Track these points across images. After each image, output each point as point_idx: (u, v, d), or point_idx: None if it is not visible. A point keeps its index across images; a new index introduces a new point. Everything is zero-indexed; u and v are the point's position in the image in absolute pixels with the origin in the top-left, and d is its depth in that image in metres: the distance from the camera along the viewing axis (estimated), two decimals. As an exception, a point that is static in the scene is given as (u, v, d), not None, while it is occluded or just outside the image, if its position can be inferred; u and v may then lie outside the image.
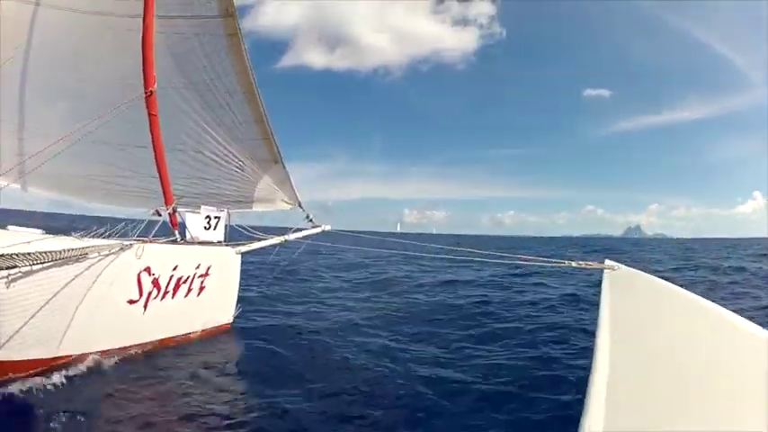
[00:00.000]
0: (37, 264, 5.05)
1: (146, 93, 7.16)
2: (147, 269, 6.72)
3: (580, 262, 5.75)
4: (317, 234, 9.85)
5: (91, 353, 6.20)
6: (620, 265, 4.45)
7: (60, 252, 5.28)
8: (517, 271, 17.06)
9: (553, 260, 6.52)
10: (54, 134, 6.63)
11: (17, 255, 4.81)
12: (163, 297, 7.06)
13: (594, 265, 5.26)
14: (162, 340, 7.18)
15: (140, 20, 7.11)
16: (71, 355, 6.00)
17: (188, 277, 7.42)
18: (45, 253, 5.09)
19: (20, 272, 5.03)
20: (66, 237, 6.34)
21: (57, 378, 5.60)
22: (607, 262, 4.69)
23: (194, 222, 7.90)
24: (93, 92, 7.41)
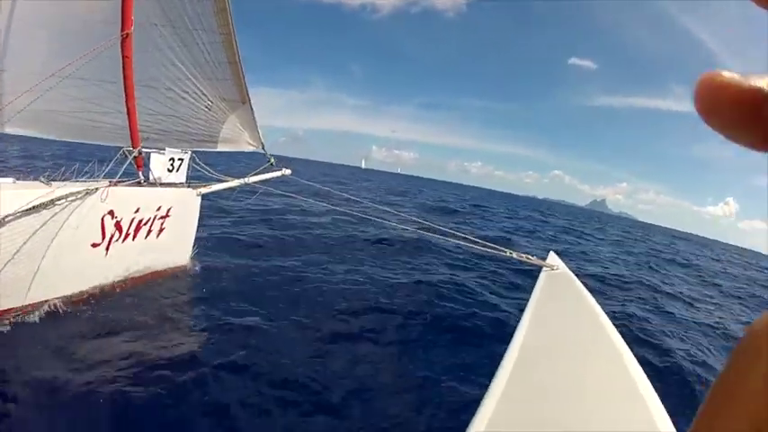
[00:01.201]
0: (8, 218, 5.56)
1: (122, 35, 7.15)
2: (111, 212, 7.09)
3: (522, 254, 5.94)
4: (277, 178, 10.03)
5: (56, 297, 6.63)
6: (560, 264, 4.77)
7: (31, 204, 5.76)
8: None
9: (497, 247, 6.57)
10: (35, 72, 6.79)
11: None
12: (124, 239, 7.49)
13: (535, 260, 5.48)
14: (122, 281, 7.60)
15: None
16: (38, 302, 6.41)
17: (149, 219, 7.82)
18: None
19: None
20: (35, 183, 6.60)
21: (28, 321, 6.17)
22: (549, 259, 5.06)
23: (158, 163, 8.13)
24: (74, 29, 7.36)
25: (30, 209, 5.77)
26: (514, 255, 6.01)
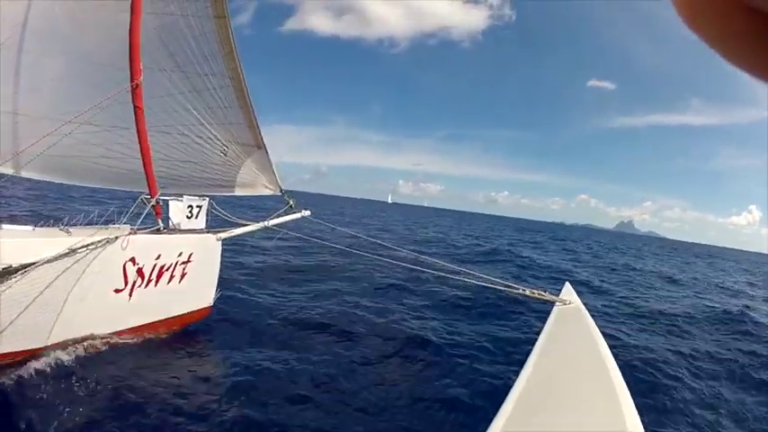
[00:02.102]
0: (30, 270, 5.76)
1: (131, 85, 7.35)
2: (132, 259, 7.24)
3: (534, 291, 5.79)
4: (297, 219, 9.95)
5: (78, 340, 6.73)
6: (574, 297, 4.94)
7: (53, 255, 5.94)
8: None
9: (510, 284, 6.45)
10: (47, 118, 7.05)
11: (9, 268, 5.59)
12: (147, 284, 7.60)
13: (547, 296, 5.40)
14: (146, 325, 7.64)
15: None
16: (59, 343, 6.51)
17: (171, 265, 7.85)
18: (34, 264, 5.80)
19: (14, 278, 5.65)
20: (54, 230, 6.84)
21: (46, 365, 6.17)
22: (563, 292, 5.20)
23: (177, 211, 8.22)
24: (84, 74, 7.70)
25: (52, 259, 5.96)
26: (527, 291, 5.91)
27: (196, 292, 8.48)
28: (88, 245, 6.40)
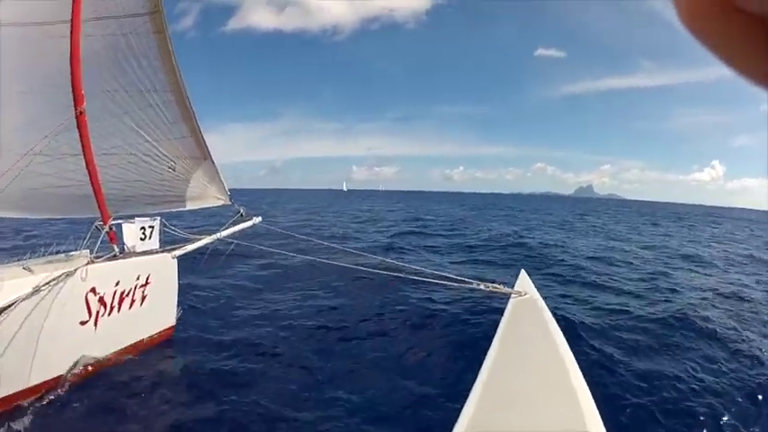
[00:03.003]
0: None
1: (75, 112, 7.14)
2: (93, 289, 7.18)
3: (489, 284, 5.72)
4: (249, 227, 10.02)
5: (54, 378, 6.69)
6: (530, 287, 5.04)
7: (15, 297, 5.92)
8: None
9: (464, 279, 6.33)
10: (10, 151, 6.99)
11: None
12: (110, 312, 7.54)
13: (503, 289, 5.31)
14: (114, 354, 7.60)
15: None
16: (37, 384, 6.48)
17: (130, 289, 7.89)
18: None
19: None
20: (17, 268, 6.73)
21: (27, 410, 6.19)
22: (518, 281, 5.30)
23: (130, 233, 8.16)
24: (41, 103, 7.58)
25: (15, 301, 5.92)
26: (482, 286, 5.83)
27: (158, 314, 8.50)
28: (50, 281, 6.33)
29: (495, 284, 5.61)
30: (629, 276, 15.43)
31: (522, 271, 5.71)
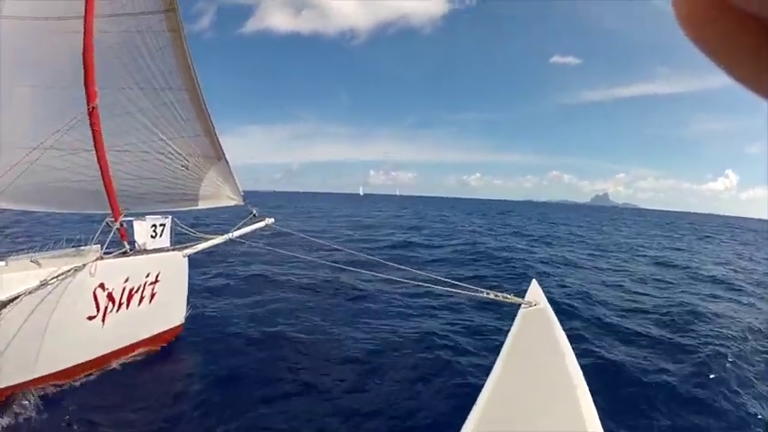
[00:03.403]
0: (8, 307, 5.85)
1: (88, 108, 7.24)
2: (102, 285, 7.21)
3: (499, 294, 5.69)
4: (261, 228, 9.97)
5: (60, 371, 6.72)
6: (540, 297, 4.96)
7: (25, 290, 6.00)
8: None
9: (475, 288, 6.26)
10: (17, 147, 7.11)
11: None
12: (118, 309, 7.55)
13: (513, 299, 5.27)
14: (122, 349, 7.64)
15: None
16: (43, 376, 6.53)
17: (139, 286, 7.89)
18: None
19: None
20: (25, 261, 6.76)
21: (31, 401, 6.19)
22: (529, 291, 5.20)
23: (141, 231, 8.17)
24: (52, 98, 7.64)
25: (25, 293, 5.99)
26: (491, 295, 5.80)
27: (167, 312, 8.52)
28: (58, 275, 6.38)
29: (505, 294, 5.59)
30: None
31: (534, 281, 5.64)
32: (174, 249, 8.64)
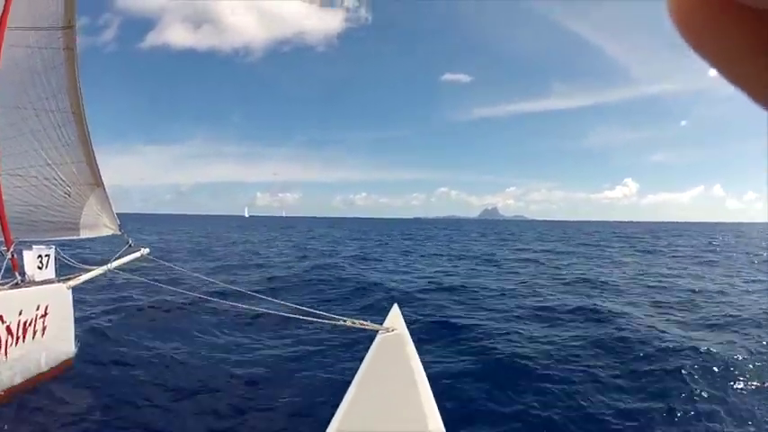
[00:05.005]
0: None
1: None
2: (0, 317, 6.77)
3: (355, 321, 5.75)
4: (137, 259, 9.72)
5: None
6: (398, 323, 5.17)
7: None
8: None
9: (330, 316, 6.41)
10: None
11: None
12: (16, 342, 7.07)
13: (370, 326, 5.41)
14: (22, 384, 7.19)
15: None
16: None
17: (32, 319, 7.45)
18: None
19: None
20: None
21: None
22: (389, 317, 5.43)
23: (30, 261, 7.67)
24: None
25: None
26: (348, 322, 5.82)
27: (58, 345, 7.98)
28: None
29: (362, 321, 5.68)
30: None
31: (395, 306, 5.82)
32: (59, 281, 8.14)
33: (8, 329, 6.76)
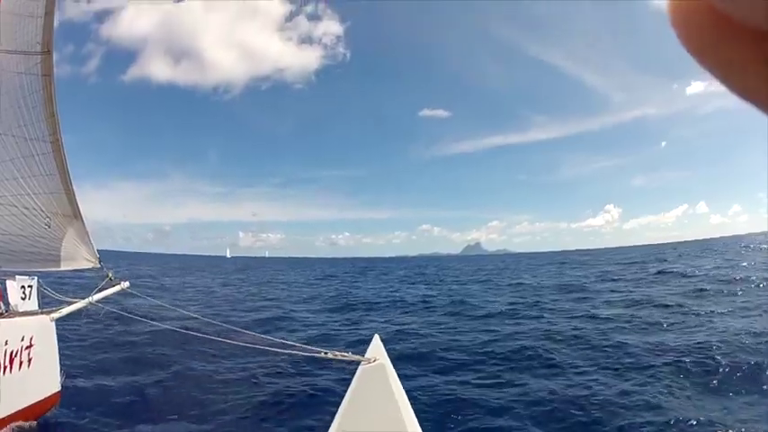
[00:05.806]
0: None
1: None
2: None
3: (336, 353, 5.72)
4: (118, 292, 9.51)
5: None
6: (380, 354, 5.10)
7: None
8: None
9: (311, 348, 6.36)
10: None
11: None
12: (4, 372, 6.83)
13: (352, 357, 5.35)
14: (10, 416, 6.99)
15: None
16: None
17: (17, 351, 7.24)
18: None
19: None
20: None
21: None
22: (371, 347, 5.38)
23: (13, 291, 7.51)
24: None
25: None
26: (330, 355, 5.78)
27: (44, 379, 7.74)
28: None
29: (343, 353, 5.65)
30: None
31: (376, 336, 5.80)
32: (42, 313, 7.92)
33: None
